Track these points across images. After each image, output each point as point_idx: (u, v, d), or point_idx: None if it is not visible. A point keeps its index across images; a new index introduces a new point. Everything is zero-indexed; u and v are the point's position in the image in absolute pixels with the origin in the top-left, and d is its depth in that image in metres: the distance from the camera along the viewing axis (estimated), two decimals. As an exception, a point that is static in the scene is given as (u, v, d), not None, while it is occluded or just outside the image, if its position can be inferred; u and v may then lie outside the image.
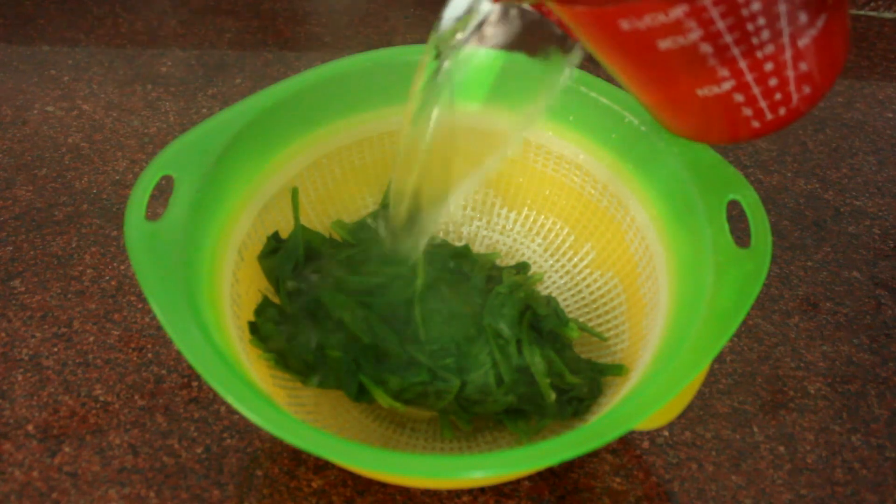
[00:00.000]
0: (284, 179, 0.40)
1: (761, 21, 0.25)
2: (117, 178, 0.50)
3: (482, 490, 0.36)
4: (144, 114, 0.56)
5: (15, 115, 0.55)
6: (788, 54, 0.26)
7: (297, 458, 0.37)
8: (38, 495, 0.35)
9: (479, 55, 0.28)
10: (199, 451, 0.37)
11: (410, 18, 0.66)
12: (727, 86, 0.27)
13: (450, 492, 0.36)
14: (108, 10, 0.66)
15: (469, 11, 0.28)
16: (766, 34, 0.25)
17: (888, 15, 0.71)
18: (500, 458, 0.27)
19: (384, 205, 0.45)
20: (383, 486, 0.36)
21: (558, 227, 0.45)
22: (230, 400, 0.28)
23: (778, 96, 0.28)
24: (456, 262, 0.42)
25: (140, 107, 0.56)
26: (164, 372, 0.40)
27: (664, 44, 0.26)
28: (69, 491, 0.35)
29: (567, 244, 0.44)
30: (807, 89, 0.28)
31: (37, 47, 0.61)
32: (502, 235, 0.46)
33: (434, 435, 0.38)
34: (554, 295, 0.43)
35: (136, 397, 0.39)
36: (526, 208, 0.45)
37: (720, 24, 0.25)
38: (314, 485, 0.36)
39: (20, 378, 0.39)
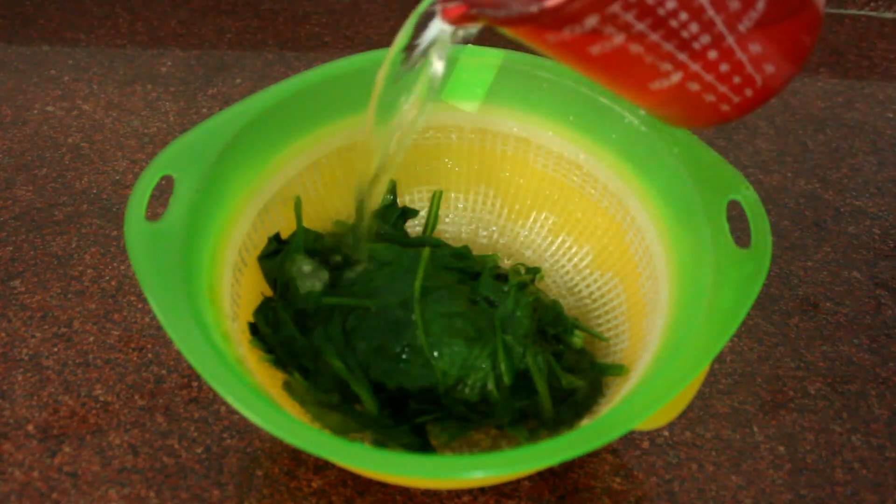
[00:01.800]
0: (284, 179, 0.40)
1: (684, 16, 0.24)
2: (117, 178, 0.50)
3: (482, 490, 0.36)
4: (144, 114, 0.56)
5: (15, 115, 0.55)
6: (731, 40, 0.25)
7: (297, 458, 0.37)
8: (38, 495, 0.35)
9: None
10: (199, 451, 0.37)
11: (410, 18, 0.66)
12: (676, 78, 0.27)
13: (450, 492, 0.36)
14: (108, 10, 0.66)
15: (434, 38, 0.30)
16: (695, 27, 0.25)
17: (888, 15, 0.71)
18: (500, 458, 0.27)
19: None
20: (383, 486, 0.36)
21: (558, 227, 0.45)
22: (230, 400, 0.28)
23: (737, 80, 0.27)
24: (456, 262, 0.42)
25: (140, 107, 0.56)
26: (164, 372, 0.40)
27: (595, 49, 0.26)
28: (69, 491, 0.35)
29: (567, 244, 0.44)
30: (770, 68, 0.27)
31: (37, 47, 0.61)
32: (501, 236, 0.46)
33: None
34: (553, 295, 0.43)
35: (136, 397, 0.39)
36: (526, 208, 0.45)
37: (640, 27, 0.24)
38: (314, 485, 0.36)
39: (20, 378, 0.39)
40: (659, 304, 0.36)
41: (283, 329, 0.38)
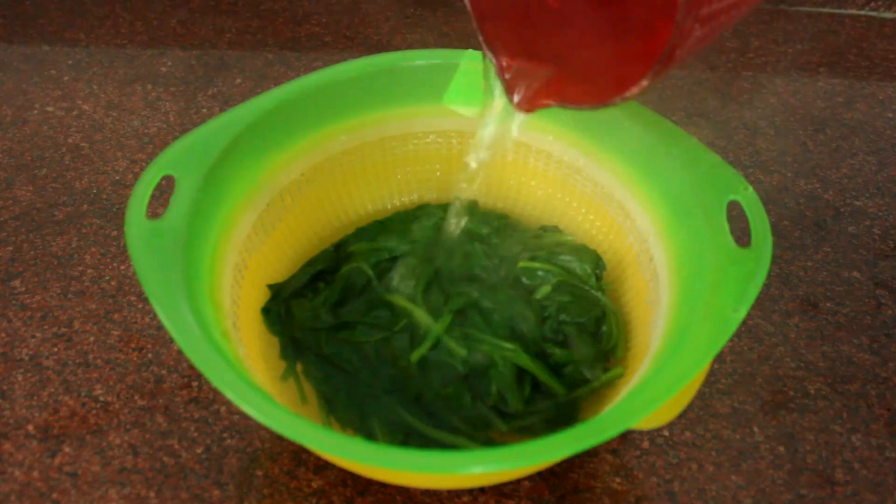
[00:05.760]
0: (285, 181, 0.40)
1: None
2: (117, 178, 0.50)
3: (482, 490, 0.36)
4: (144, 114, 0.56)
5: (15, 115, 0.55)
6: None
7: (298, 458, 0.37)
8: (38, 495, 0.35)
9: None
10: (199, 451, 0.37)
11: (410, 18, 0.66)
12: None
13: (450, 492, 0.36)
14: (108, 10, 0.66)
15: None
16: None
17: (888, 15, 0.71)
18: (499, 454, 0.27)
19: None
20: (383, 486, 0.36)
21: (558, 228, 0.45)
22: (230, 396, 0.28)
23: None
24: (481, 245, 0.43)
25: (140, 107, 0.56)
26: (164, 372, 0.40)
27: None
28: (69, 491, 0.35)
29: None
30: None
31: (37, 47, 0.61)
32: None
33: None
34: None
35: (136, 397, 0.39)
36: (526, 212, 0.45)
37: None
38: (314, 485, 0.36)
39: (20, 378, 0.39)
40: (659, 304, 0.36)
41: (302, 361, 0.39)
